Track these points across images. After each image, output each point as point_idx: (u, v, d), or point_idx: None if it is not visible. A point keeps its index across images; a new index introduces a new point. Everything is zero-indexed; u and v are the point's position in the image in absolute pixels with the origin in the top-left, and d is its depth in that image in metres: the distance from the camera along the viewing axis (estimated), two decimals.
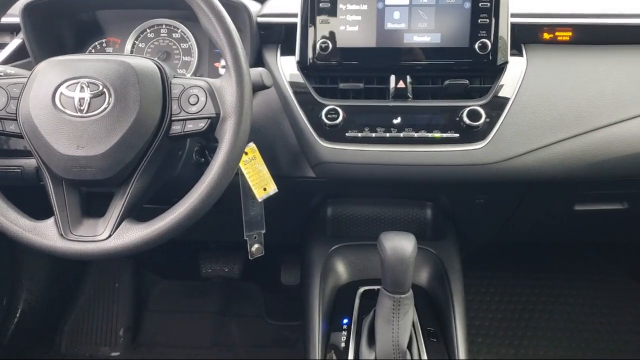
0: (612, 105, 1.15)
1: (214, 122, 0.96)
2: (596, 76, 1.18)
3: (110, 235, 0.95)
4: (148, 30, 1.36)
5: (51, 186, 0.98)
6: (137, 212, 1.00)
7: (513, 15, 1.16)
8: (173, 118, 0.97)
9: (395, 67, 1.17)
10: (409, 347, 1.10)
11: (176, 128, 0.97)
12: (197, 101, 0.97)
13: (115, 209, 0.96)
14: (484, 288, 2.10)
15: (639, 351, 1.96)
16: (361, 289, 1.30)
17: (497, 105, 1.14)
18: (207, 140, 1.18)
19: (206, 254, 2.13)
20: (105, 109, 0.93)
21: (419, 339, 1.17)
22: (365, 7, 1.15)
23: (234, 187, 1.20)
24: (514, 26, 1.18)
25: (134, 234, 0.94)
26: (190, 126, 0.97)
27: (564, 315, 2.03)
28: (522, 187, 1.27)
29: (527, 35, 1.21)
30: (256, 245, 1.24)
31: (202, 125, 0.96)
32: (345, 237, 1.43)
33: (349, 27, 1.15)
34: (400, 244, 1.06)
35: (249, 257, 1.24)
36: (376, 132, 1.15)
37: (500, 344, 1.96)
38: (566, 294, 2.08)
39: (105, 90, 0.93)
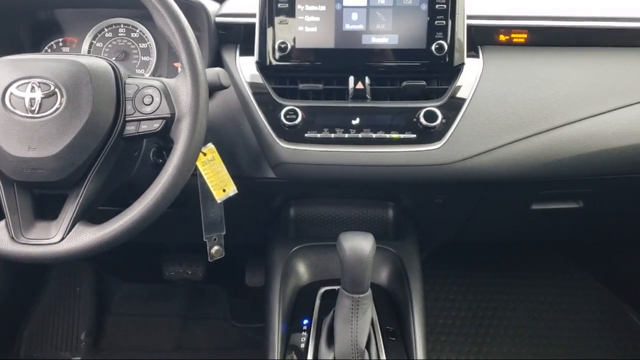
0: (565, 106, 1.17)
1: (169, 122, 0.95)
2: (550, 77, 1.20)
3: (62, 238, 0.93)
4: (106, 30, 1.34)
5: (1, 188, 0.95)
6: (92, 214, 0.98)
7: (470, 17, 1.18)
8: (127, 119, 0.96)
9: (353, 68, 1.17)
10: (368, 346, 1.11)
11: (130, 129, 0.96)
12: (152, 101, 0.96)
13: (68, 212, 0.95)
14: (447, 287, 2.12)
15: (598, 346, 2.00)
16: (322, 289, 1.30)
17: (453, 106, 1.15)
18: (164, 140, 1.17)
19: (169, 256, 2.11)
20: (57, 109, 0.91)
21: (377, 338, 1.17)
22: (323, 8, 1.15)
23: (193, 188, 1.19)
24: (470, 28, 1.20)
25: (87, 236, 0.92)
26: (145, 127, 0.96)
27: (525, 313, 2.06)
28: (480, 187, 1.29)
29: (483, 37, 1.23)
30: (216, 247, 1.23)
31: (156, 125, 0.96)
32: (308, 238, 1.44)
33: (308, 28, 1.15)
34: (359, 244, 1.07)
35: (209, 259, 1.23)
36: (335, 132, 1.15)
37: (463, 342, 1.99)
38: (527, 291, 2.12)
39: (57, 90, 0.92)
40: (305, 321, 1.23)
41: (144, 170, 1.14)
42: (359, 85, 1.17)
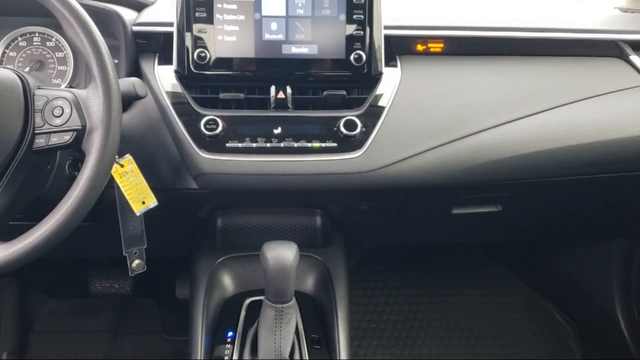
0: (479, 114, 1.21)
1: (80, 134, 0.93)
2: (465, 86, 1.24)
3: None
4: (20, 39, 1.29)
5: None
6: (3, 230, 0.94)
7: (387, 27, 1.20)
8: (36, 131, 0.93)
9: (275, 77, 1.17)
10: (292, 355, 1.11)
11: (40, 141, 0.93)
12: (62, 113, 0.93)
13: None
14: (378, 291, 2.15)
15: (524, 344, 2.07)
16: (248, 300, 1.29)
17: (372, 115, 1.17)
18: (79, 152, 1.14)
19: (96, 270, 2.04)
20: None
21: (302, 346, 1.17)
22: (242, 17, 1.15)
23: (112, 201, 1.16)
24: (388, 38, 1.22)
25: None
26: (55, 139, 0.93)
27: (454, 314, 2.12)
28: (401, 193, 1.31)
29: (401, 47, 1.26)
30: (137, 261, 1.20)
31: (67, 138, 0.93)
32: (237, 248, 1.42)
33: (227, 37, 1.15)
34: (282, 254, 1.07)
35: (130, 273, 1.20)
36: (257, 142, 1.15)
37: (394, 345, 2.02)
38: (455, 293, 2.18)
39: None
40: (230, 333, 1.21)
41: (58, 183, 1.10)
42: (281, 95, 1.17)
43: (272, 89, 1.17)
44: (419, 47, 1.27)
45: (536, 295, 2.18)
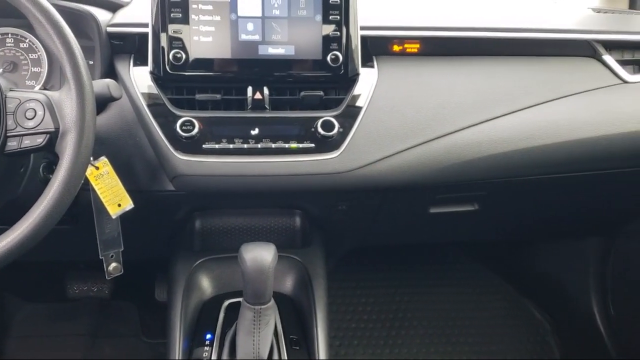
0: (455, 113, 1.22)
1: (54, 137, 0.92)
2: (441, 86, 1.25)
3: None
4: None
5: None
6: None
7: (364, 28, 1.20)
8: (8, 134, 0.91)
9: (252, 78, 1.17)
10: (270, 357, 1.11)
11: (12, 144, 0.91)
12: (35, 115, 0.91)
13: None
14: (359, 290, 2.16)
15: (503, 341, 2.09)
16: (226, 302, 1.28)
17: (350, 116, 1.17)
18: (53, 155, 1.12)
19: (73, 274, 2.02)
20: None
21: (281, 348, 1.17)
22: (218, 18, 1.14)
23: (88, 203, 1.15)
24: (365, 39, 1.23)
25: None
26: (28, 142, 0.92)
27: (434, 313, 2.13)
28: (379, 193, 1.32)
29: (378, 48, 1.26)
30: (113, 264, 1.19)
31: (40, 140, 0.91)
32: (216, 250, 1.41)
33: (203, 38, 1.14)
34: (260, 255, 1.07)
35: (106, 276, 1.19)
36: (234, 143, 1.14)
37: (375, 344, 2.03)
38: (435, 291, 2.19)
39: None
40: (209, 335, 1.21)
41: (32, 186, 1.09)
42: (258, 96, 1.16)
43: (249, 89, 1.16)
44: (396, 48, 1.27)
45: (515, 292, 2.21)
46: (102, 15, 1.19)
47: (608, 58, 1.36)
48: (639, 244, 1.72)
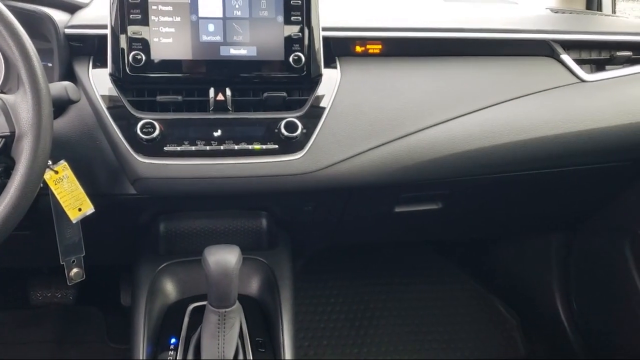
0: (417, 113, 1.23)
1: (9, 141, 0.90)
2: (404, 86, 1.26)
3: None
4: None
5: None
6: None
7: (326, 29, 1.20)
8: None
9: (213, 79, 1.16)
10: (236, 359, 1.10)
11: None
12: None
13: None
14: (327, 290, 2.16)
15: (470, 339, 2.12)
16: (191, 306, 1.27)
17: (313, 116, 1.18)
18: (10, 160, 1.10)
19: (36, 280, 1.98)
20: None
21: (246, 350, 1.17)
22: (178, 19, 1.13)
23: (47, 209, 1.13)
24: (328, 40, 1.23)
25: None
26: None
27: (402, 311, 2.14)
28: (344, 194, 1.32)
29: (340, 48, 1.26)
30: (75, 270, 1.17)
31: None
32: (180, 254, 1.40)
33: (163, 39, 1.13)
34: (224, 258, 1.06)
35: (68, 282, 1.17)
36: (196, 145, 1.13)
37: (344, 344, 2.03)
38: (403, 290, 2.20)
39: None
40: (173, 340, 1.19)
41: None
42: (220, 97, 1.16)
43: (211, 91, 1.15)
44: (358, 49, 1.28)
45: (482, 289, 2.24)
46: (59, 17, 1.17)
47: (566, 57, 1.38)
48: (599, 239, 1.76)
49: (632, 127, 1.34)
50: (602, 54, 1.44)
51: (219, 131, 1.15)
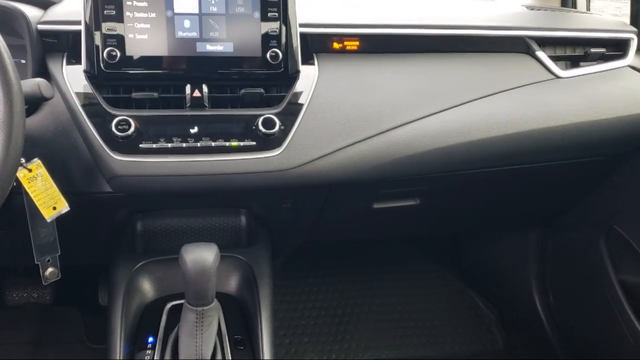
0: (394, 110, 1.23)
1: None
2: (380, 83, 1.26)
3: None
4: None
5: None
6: None
7: (303, 25, 1.20)
8: None
9: (190, 76, 1.15)
10: (214, 358, 1.10)
11: None
12: None
13: None
14: (308, 288, 2.16)
15: (449, 333, 2.14)
16: (169, 305, 1.26)
17: (291, 113, 1.17)
18: None
19: (12, 280, 1.95)
20: None
21: (225, 348, 1.16)
22: (153, 15, 1.12)
23: (21, 208, 1.11)
24: (305, 36, 1.23)
25: None
26: None
27: (382, 307, 2.16)
28: (323, 190, 1.32)
29: (318, 45, 1.26)
30: (50, 269, 1.16)
31: None
32: (158, 252, 1.39)
33: (139, 35, 1.12)
34: (201, 256, 1.06)
35: (43, 282, 1.15)
36: (172, 142, 1.12)
37: (325, 341, 2.03)
38: (383, 286, 2.22)
39: None
40: (151, 339, 1.19)
41: None
42: (197, 93, 1.15)
43: (188, 87, 1.14)
44: (336, 45, 1.28)
45: (460, 284, 2.26)
46: (32, 12, 1.15)
47: (541, 54, 1.40)
48: (575, 234, 1.78)
49: (605, 122, 1.36)
50: (576, 51, 1.46)
51: (196, 128, 1.14)
